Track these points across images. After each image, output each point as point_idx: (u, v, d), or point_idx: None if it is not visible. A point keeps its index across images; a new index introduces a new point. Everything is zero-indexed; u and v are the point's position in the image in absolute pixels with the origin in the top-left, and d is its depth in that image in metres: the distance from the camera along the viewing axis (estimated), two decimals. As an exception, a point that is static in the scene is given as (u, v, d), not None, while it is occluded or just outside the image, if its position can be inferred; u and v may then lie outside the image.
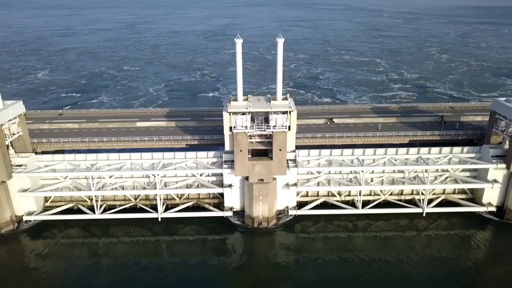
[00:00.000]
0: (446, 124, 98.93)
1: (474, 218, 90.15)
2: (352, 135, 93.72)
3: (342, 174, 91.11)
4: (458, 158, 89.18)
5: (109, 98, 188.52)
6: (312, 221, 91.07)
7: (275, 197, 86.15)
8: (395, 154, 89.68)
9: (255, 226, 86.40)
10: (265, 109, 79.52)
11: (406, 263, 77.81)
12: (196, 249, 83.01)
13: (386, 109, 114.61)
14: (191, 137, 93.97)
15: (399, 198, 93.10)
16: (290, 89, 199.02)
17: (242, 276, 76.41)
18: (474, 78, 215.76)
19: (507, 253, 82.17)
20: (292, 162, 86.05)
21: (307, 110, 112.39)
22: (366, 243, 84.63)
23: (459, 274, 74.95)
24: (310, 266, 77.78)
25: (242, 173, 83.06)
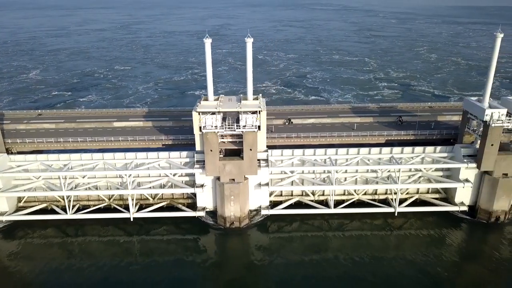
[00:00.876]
0: (404, 124, 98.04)
1: (447, 218, 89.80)
2: (327, 135, 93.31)
3: (315, 173, 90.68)
4: (431, 157, 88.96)
5: (98, 97, 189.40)
6: (287, 221, 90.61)
7: (247, 197, 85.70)
8: (368, 153, 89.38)
9: (227, 226, 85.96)
10: (235, 109, 79.10)
11: (381, 263, 77.61)
12: (170, 249, 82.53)
13: (365, 108, 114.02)
14: (165, 137, 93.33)
15: (373, 198, 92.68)
16: (278, 87, 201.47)
17: (215, 276, 76.04)
18: (460, 77, 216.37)
19: (480, 252, 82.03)
20: (264, 162, 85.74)
21: (286, 110, 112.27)
22: (340, 242, 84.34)
23: (433, 273, 74.64)
24: (284, 266, 77.41)
25: (213, 173, 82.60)
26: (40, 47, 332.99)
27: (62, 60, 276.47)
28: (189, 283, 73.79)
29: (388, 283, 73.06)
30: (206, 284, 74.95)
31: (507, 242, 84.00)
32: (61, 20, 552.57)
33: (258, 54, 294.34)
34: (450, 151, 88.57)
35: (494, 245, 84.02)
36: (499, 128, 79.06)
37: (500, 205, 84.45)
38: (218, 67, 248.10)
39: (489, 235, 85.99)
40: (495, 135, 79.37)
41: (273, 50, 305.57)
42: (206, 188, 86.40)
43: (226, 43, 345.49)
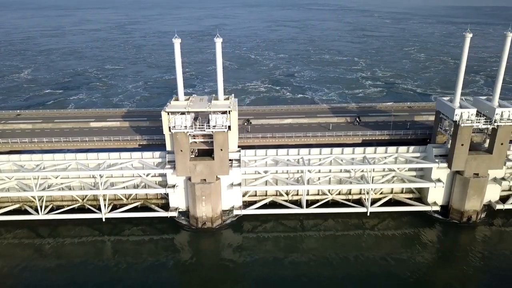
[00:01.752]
0: (361, 124, 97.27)
1: (421, 218, 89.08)
2: (302, 135, 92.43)
3: (289, 173, 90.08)
4: (404, 157, 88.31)
5: (88, 95, 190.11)
6: (261, 221, 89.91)
7: (219, 197, 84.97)
8: (341, 153, 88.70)
9: (200, 226, 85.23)
10: (204, 109, 78.43)
11: (354, 263, 77.01)
12: (143, 250, 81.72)
13: (344, 109, 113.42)
14: (140, 137, 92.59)
15: (346, 198, 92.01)
16: (266, 86, 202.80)
17: (188, 276, 75.34)
18: (446, 76, 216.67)
19: (452, 252, 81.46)
20: (236, 162, 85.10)
21: (266, 110, 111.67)
22: (315, 242, 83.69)
23: (405, 273, 74.02)
24: (258, 266, 76.74)
25: (183, 174, 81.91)
26: (33, 47, 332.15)
27: (54, 60, 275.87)
28: (162, 284, 72.96)
29: (362, 283, 72.45)
30: (180, 285, 74.44)
31: (479, 242, 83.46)
32: (57, 20, 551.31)
33: (250, 53, 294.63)
34: (423, 151, 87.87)
35: (465, 245, 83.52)
36: (469, 128, 78.34)
37: (472, 205, 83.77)
38: (208, 66, 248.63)
39: (461, 235, 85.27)
40: (465, 135, 78.67)
41: (264, 50, 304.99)
42: (178, 189, 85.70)
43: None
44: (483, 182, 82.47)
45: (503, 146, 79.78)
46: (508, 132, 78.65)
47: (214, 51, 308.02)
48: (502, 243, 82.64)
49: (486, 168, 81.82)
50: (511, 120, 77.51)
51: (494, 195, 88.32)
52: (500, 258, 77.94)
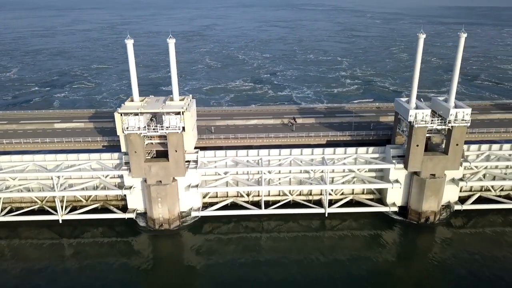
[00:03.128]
0: (295, 126, 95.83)
1: (381, 219, 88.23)
2: (264, 136, 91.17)
3: (249, 174, 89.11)
4: (364, 158, 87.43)
5: (72, 94, 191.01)
6: (222, 222, 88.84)
7: (176, 199, 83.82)
8: (300, 154, 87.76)
9: (157, 227, 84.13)
10: (157, 109, 77.34)
11: (315, 264, 76.19)
12: (101, 252, 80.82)
13: (312, 109, 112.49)
14: (101, 139, 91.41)
15: (307, 199, 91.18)
16: (248, 84, 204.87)
17: (148, 278, 74.21)
18: (426, 76, 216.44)
19: (410, 252, 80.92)
20: (194, 163, 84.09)
21: (234, 111, 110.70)
22: (275, 244, 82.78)
23: (365, 274, 73.40)
24: (218, 267, 75.85)
25: (138, 175, 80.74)
26: (23, 47, 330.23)
27: (42, 60, 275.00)
28: (121, 286, 71.99)
29: (322, 284, 71.63)
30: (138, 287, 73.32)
31: (436, 243, 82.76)
32: (50, 21, 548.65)
33: (237, 53, 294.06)
34: (382, 152, 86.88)
35: (423, 246, 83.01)
36: (423, 128, 77.43)
37: (429, 205, 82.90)
38: (193, 66, 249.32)
39: (419, 236, 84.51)
40: (419, 136, 77.77)
41: (252, 50, 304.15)
42: (136, 190, 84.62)
43: (207, 43, 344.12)
44: (440, 183, 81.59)
45: (459, 146, 78.89)
46: (462, 132, 77.76)
47: (202, 50, 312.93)
48: (460, 243, 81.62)
49: (442, 169, 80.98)
50: (465, 121, 76.71)
51: (453, 196, 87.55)
52: (457, 258, 77.01)
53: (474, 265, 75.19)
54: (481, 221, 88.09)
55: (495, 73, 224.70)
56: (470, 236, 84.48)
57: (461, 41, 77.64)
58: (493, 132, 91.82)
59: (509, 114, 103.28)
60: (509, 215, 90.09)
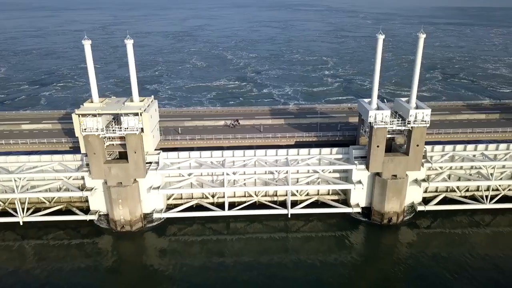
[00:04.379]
0: (236, 127, 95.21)
1: (346, 219, 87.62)
2: (230, 137, 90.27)
3: (213, 176, 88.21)
4: (327, 159, 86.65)
5: (57, 92, 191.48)
6: (187, 224, 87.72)
7: (138, 200, 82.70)
8: (264, 155, 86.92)
9: (118, 229, 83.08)
10: (115, 110, 76.31)
11: (280, 265, 75.48)
12: (64, 253, 79.70)
13: (284, 110, 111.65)
14: (66, 140, 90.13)
15: (272, 200, 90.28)
16: (232, 83, 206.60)
17: (111, 280, 73.38)
18: (408, 75, 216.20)
19: (372, 253, 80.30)
20: (155, 164, 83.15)
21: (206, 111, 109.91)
22: (240, 245, 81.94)
23: (329, 274, 72.88)
24: (180, 269, 74.97)
25: (98, 177, 79.63)
26: (13, 47, 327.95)
27: (31, 59, 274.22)
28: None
29: (287, 286, 70.91)
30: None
31: (399, 244, 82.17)
32: (42, 21, 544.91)
33: (225, 53, 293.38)
34: (346, 153, 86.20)
35: (386, 247, 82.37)
36: (383, 129, 76.68)
37: (391, 206, 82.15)
38: (179, 65, 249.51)
39: (382, 237, 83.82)
40: (379, 137, 77.02)
41: (240, 50, 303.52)
42: (97, 192, 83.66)
43: (197, 43, 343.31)
44: (401, 184, 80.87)
45: (419, 147, 78.19)
46: (422, 133, 77.08)
47: (190, 50, 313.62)
48: (423, 244, 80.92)
49: (403, 169, 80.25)
50: (425, 122, 76.08)
51: (417, 197, 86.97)
52: (419, 259, 76.43)
53: (437, 265, 74.62)
54: (446, 222, 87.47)
55: (475, 72, 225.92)
56: (434, 236, 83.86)
57: (420, 42, 77.06)
58: (459, 133, 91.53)
59: (478, 114, 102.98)
60: (475, 215, 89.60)
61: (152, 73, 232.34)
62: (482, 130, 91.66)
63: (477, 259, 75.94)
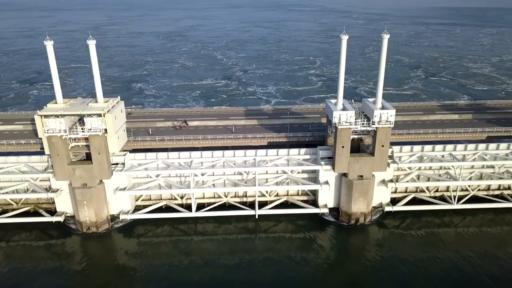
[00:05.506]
0: (182, 129, 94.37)
1: (315, 220, 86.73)
2: (200, 138, 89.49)
3: (181, 177, 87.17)
4: (296, 160, 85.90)
5: (42, 92, 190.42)
6: (156, 225, 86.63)
7: (104, 202, 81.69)
8: (233, 156, 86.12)
9: (84, 231, 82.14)
10: (78, 111, 75.33)
11: (248, 266, 74.83)
12: (31, 254, 78.64)
13: (260, 111, 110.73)
14: (34, 141, 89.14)
15: (241, 201, 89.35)
16: (219, 81, 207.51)
17: (77, 280, 72.49)
18: (395, 74, 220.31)
19: (340, 253, 79.53)
20: (121, 165, 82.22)
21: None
22: (209, 246, 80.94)
23: (296, 274, 72.25)
24: (148, 270, 73.95)
25: (62, 178, 78.53)
26: (3, 47, 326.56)
27: (21, 59, 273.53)
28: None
29: (255, 286, 70.33)
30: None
31: (367, 244, 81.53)
32: (36, 22, 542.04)
33: (215, 53, 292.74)
34: (314, 153, 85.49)
35: (353, 248, 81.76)
36: (347, 130, 75.98)
37: (358, 207, 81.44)
38: (168, 65, 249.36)
39: (349, 238, 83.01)
40: (344, 137, 76.30)
41: (230, 50, 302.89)
42: (64, 193, 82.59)
43: (188, 43, 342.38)
44: (368, 184, 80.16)
45: (384, 148, 77.49)
46: (387, 134, 76.38)
47: (181, 50, 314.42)
48: (390, 244, 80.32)
49: (369, 170, 79.58)
50: (389, 122, 75.40)
51: (385, 197, 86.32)
52: (386, 259, 75.94)
53: (404, 265, 74.00)
54: (416, 222, 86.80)
55: (458, 71, 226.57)
56: (402, 237, 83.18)
57: (384, 42, 76.50)
58: (429, 133, 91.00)
59: (452, 114, 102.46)
60: (445, 216, 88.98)
61: (140, 72, 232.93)
62: (452, 131, 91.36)
63: (445, 260, 75.48)
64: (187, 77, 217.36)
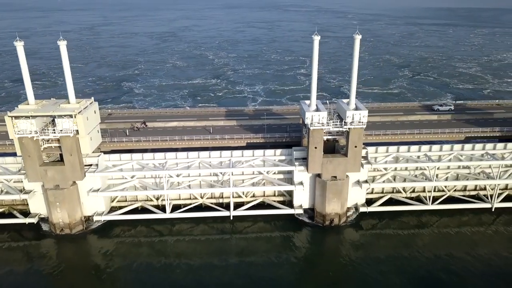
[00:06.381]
0: (140, 130, 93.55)
1: (291, 221, 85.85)
2: (176, 139, 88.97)
3: (156, 178, 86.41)
4: (271, 161, 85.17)
5: (36, 91, 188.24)
6: (132, 226, 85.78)
7: (77, 203, 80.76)
8: (208, 157, 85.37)
9: (58, 232, 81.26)
10: (49, 112, 74.47)
11: (224, 267, 73.88)
12: (5, 256, 77.58)
13: (241, 112, 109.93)
14: (10, 142, 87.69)
15: (217, 202, 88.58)
16: (208, 81, 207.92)
17: (51, 282, 71.75)
18: (383, 74, 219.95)
19: (314, 254, 78.83)
20: (94, 167, 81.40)
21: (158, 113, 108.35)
22: (185, 247, 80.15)
23: (270, 276, 71.40)
24: (123, 272, 73.35)
25: (35, 179, 77.50)
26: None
27: (12, 59, 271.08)
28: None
29: (230, 286, 69.77)
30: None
31: (341, 245, 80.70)
32: (31, 22, 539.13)
33: (207, 53, 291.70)
34: (289, 154, 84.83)
35: (327, 249, 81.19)
36: (319, 130, 75.27)
37: (332, 208, 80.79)
38: (159, 65, 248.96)
39: (324, 239, 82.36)
40: (316, 138, 75.60)
41: (222, 50, 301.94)
42: (37, 194, 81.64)
43: (181, 43, 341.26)
44: (341, 185, 79.47)
45: (357, 148, 76.82)
46: (359, 134, 75.72)
47: (174, 50, 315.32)
48: (365, 245, 79.55)
49: (343, 171, 78.90)
50: (362, 123, 74.74)
51: (360, 198, 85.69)
52: (362, 259, 75.30)
53: (377, 266, 73.45)
54: (392, 223, 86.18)
55: (445, 70, 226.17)
56: (378, 237, 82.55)
57: (356, 43, 75.75)
58: (406, 134, 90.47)
59: (430, 115, 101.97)
60: (422, 216, 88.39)
61: (131, 72, 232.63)
62: (429, 131, 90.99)
63: (422, 260, 74.96)
64: (177, 77, 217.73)
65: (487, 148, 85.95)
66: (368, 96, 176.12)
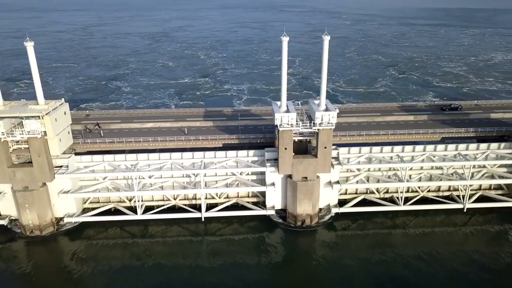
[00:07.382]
0: (93, 131, 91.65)
1: (264, 222, 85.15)
2: (150, 140, 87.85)
3: (128, 179, 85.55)
4: (244, 162, 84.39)
5: (27, 90, 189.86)
6: (105, 228, 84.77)
7: (47, 204, 79.72)
8: (180, 158, 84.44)
9: (28, 234, 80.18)
10: (15, 114, 73.40)
11: (196, 268, 73.26)
12: None
13: (220, 112, 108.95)
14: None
15: (191, 203, 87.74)
16: (196, 80, 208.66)
17: (22, 285, 71.00)
18: (370, 73, 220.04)
19: (288, 255, 77.75)
20: (65, 168, 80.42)
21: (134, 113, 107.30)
22: (158, 248, 79.33)
23: (240, 278, 70.78)
24: (94, 273, 72.29)
25: (3, 181, 76.10)
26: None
27: (4, 60, 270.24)
28: None
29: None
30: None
31: (313, 246, 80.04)
32: (25, 22, 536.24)
33: (198, 53, 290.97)
34: (262, 155, 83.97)
35: (300, 250, 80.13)
36: (288, 131, 74.52)
37: (303, 208, 79.96)
38: (149, 64, 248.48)
39: (297, 239, 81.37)
40: (286, 139, 74.81)
41: (213, 50, 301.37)
42: (7, 196, 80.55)
43: (173, 43, 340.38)
44: (312, 186, 78.66)
45: (327, 149, 76.06)
46: (329, 135, 74.95)
47: (165, 50, 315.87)
48: (337, 246, 79.07)
49: (313, 171, 78.05)
50: (331, 124, 74.01)
51: (333, 199, 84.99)
52: (334, 260, 74.87)
53: (351, 266, 73.11)
54: (365, 223, 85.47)
55: (430, 70, 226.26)
56: (351, 237, 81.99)
57: (325, 44, 75.15)
58: (380, 134, 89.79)
59: (407, 116, 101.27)
60: (396, 217, 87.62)
61: (122, 71, 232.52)
62: (404, 132, 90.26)
63: (395, 260, 74.52)
64: (166, 76, 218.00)
65: (459, 149, 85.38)
66: (351, 95, 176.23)
